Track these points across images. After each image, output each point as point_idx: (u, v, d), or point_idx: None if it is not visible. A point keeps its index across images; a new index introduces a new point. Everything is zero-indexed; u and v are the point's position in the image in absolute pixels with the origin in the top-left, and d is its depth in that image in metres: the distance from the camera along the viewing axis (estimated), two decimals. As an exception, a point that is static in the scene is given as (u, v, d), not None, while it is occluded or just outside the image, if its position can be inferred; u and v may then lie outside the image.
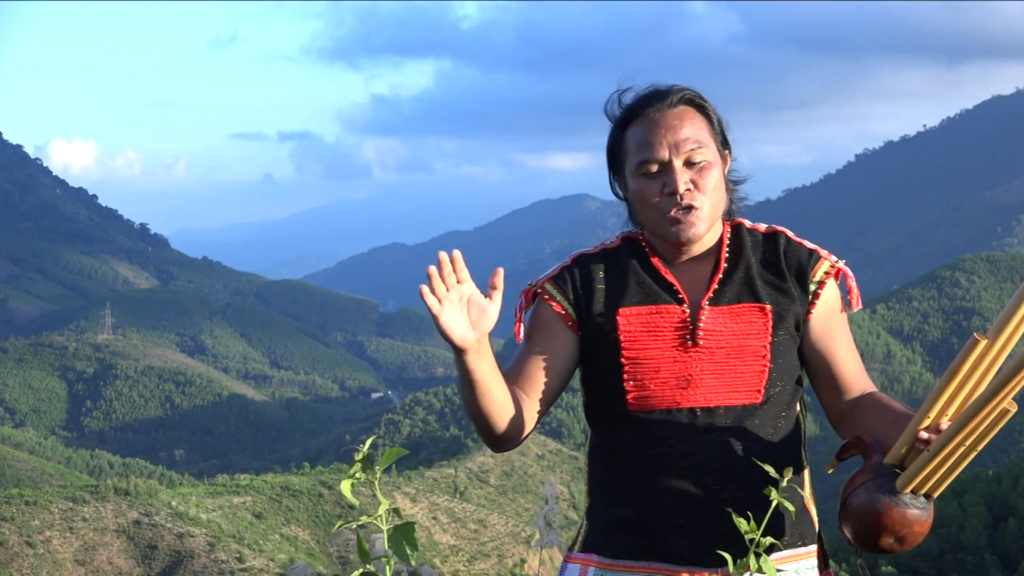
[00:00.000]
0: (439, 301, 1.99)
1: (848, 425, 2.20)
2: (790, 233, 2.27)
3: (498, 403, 2.13)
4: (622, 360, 2.20)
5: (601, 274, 2.26)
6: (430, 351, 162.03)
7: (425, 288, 1.98)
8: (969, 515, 38.75)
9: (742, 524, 1.92)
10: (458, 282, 2.03)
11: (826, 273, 2.24)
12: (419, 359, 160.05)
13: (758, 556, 1.93)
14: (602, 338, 2.22)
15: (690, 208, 2.17)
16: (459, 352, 2.05)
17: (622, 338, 2.20)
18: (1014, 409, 1.86)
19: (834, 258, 2.26)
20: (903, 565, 38.16)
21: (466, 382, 2.09)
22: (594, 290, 2.25)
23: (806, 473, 2.27)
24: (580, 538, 2.28)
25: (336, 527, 1.84)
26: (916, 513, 1.98)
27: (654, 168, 2.18)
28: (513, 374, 2.24)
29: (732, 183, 2.28)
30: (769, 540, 1.93)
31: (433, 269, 2.00)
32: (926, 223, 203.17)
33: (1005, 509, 38.60)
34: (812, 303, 2.22)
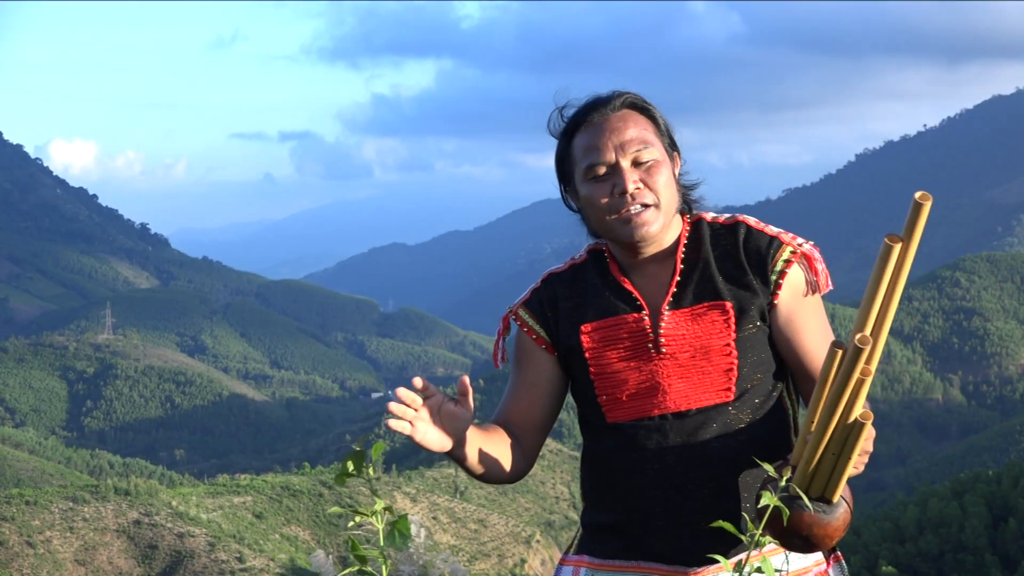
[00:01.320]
0: (410, 424, 2.04)
1: None
2: (752, 221, 2.24)
3: (491, 465, 2.22)
4: (591, 376, 2.23)
5: (566, 292, 2.29)
6: (430, 351, 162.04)
7: (392, 421, 2.03)
8: (969, 515, 38.75)
9: (743, 526, 1.90)
10: (426, 397, 2.07)
11: (787, 261, 2.19)
12: (419, 359, 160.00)
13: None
14: (573, 356, 2.26)
15: (644, 206, 2.17)
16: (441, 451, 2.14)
17: (587, 355, 2.22)
18: (867, 420, 1.84)
19: (799, 241, 2.21)
20: (903, 565, 38.16)
21: (456, 463, 2.19)
22: (559, 309, 2.28)
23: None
24: (575, 542, 2.33)
25: (333, 509, 1.86)
26: (815, 516, 1.94)
27: (602, 171, 2.19)
28: (507, 409, 2.32)
29: (685, 187, 2.27)
30: (768, 539, 1.89)
31: (393, 405, 2.04)
32: (926, 223, 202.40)
33: (1005, 509, 38.59)
34: (775, 293, 2.19)
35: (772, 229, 2.22)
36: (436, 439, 2.07)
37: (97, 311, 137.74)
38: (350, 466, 1.88)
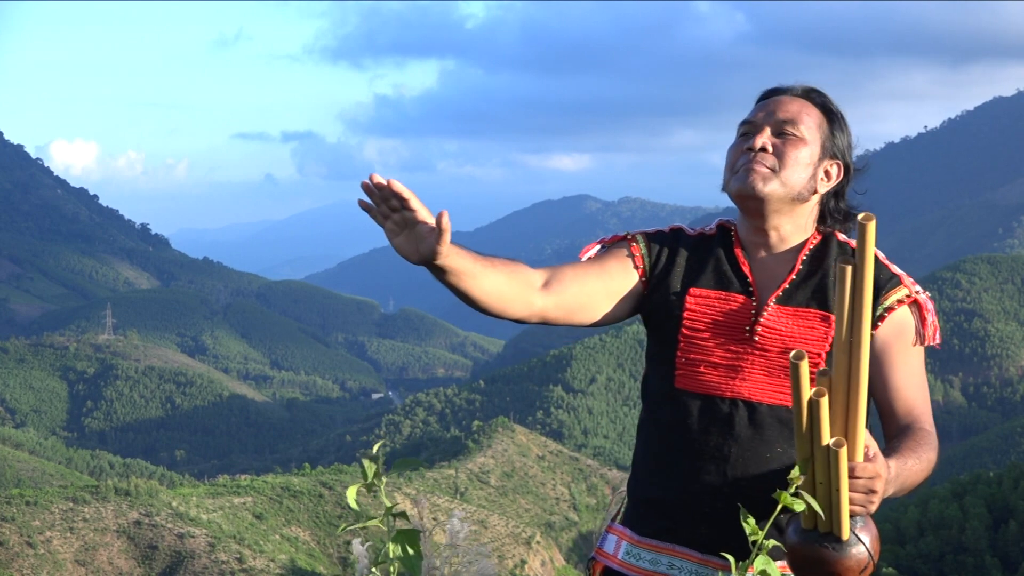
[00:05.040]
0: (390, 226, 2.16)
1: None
2: (880, 255, 2.24)
3: (486, 288, 2.16)
4: (679, 337, 2.25)
5: (687, 253, 2.31)
6: (431, 352, 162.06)
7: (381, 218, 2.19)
8: (970, 516, 38.75)
9: (748, 524, 1.86)
10: (410, 209, 2.12)
11: (899, 300, 2.21)
12: (420, 360, 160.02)
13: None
14: (668, 313, 2.27)
15: (762, 165, 2.21)
16: (427, 265, 2.15)
17: (685, 316, 2.25)
18: (842, 447, 1.82)
19: (917, 288, 2.23)
20: (904, 566, 38.15)
21: (445, 282, 2.19)
22: (675, 264, 2.31)
23: None
24: (621, 511, 2.35)
25: (341, 528, 1.81)
26: (825, 552, 1.90)
27: (747, 129, 2.28)
28: (562, 266, 2.27)
29: (834, 203, 2.29)
30: (772, 543, 1.86)
31: (369, 185, 2.11)
32: (926, 224, 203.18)
33: (1005, 511, 38.61)
34: (876, 325, 2.19)
35: (896, 269, 2.25)
36: (406, 248, 2.18)
37: (98, 311, 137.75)
38: (369, 472, 1.76)
